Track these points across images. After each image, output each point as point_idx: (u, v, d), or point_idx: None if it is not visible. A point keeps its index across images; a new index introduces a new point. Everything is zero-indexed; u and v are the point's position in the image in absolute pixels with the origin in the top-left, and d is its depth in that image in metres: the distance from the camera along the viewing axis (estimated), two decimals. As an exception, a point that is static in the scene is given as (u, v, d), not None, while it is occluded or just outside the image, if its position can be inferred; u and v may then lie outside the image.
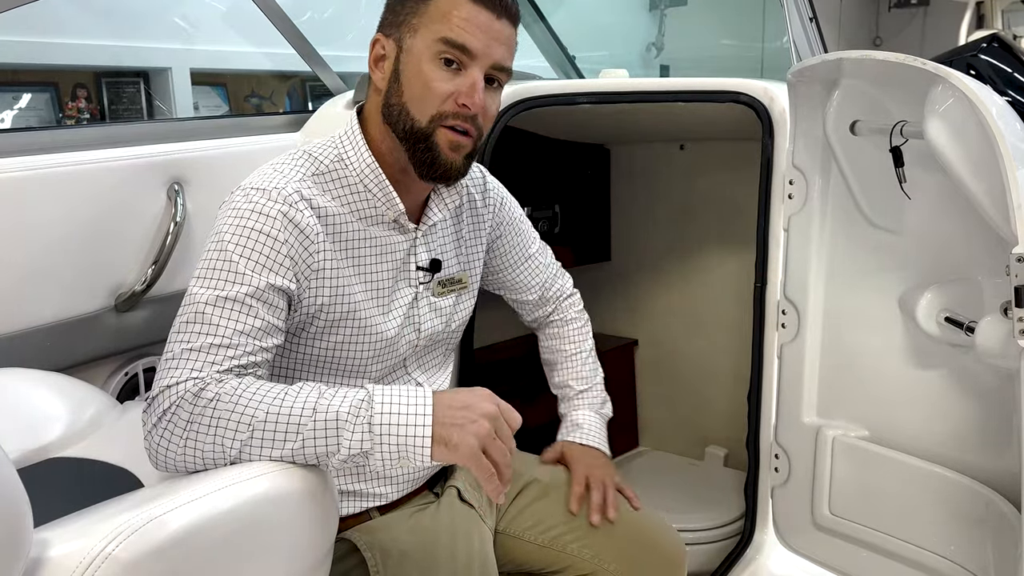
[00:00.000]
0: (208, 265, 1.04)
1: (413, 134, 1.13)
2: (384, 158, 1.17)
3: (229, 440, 0.92)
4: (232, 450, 0.92)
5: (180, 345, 0.99)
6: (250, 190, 1.09)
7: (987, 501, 1.43)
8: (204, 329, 1.00)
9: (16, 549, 0.69)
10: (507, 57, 1.15)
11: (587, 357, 1.55)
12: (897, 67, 1.38)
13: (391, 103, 1.14)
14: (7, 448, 0.74)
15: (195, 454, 0.94)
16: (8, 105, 2.84)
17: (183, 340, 1.00)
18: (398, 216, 1.19)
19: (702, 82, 1.77)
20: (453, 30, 1.10)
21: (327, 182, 1.15)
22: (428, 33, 1.11)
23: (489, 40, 1.11)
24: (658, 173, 2.49)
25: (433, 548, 1.22)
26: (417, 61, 1.11)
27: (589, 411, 1.51)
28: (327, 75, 2.02)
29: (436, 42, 1.10)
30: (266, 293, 1.04)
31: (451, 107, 1.11)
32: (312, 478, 0.93)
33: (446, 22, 1.10)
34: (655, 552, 1.37)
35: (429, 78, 1.11)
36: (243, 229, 1.05)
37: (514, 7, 1.15)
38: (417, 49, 1.12)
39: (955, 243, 1.50)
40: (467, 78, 1.11)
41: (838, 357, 1.70)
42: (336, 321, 1.15)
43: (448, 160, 1.14)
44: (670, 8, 4.28)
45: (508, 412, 0.98)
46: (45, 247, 1.37)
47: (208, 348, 0.99)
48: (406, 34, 1.13)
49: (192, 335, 1.00)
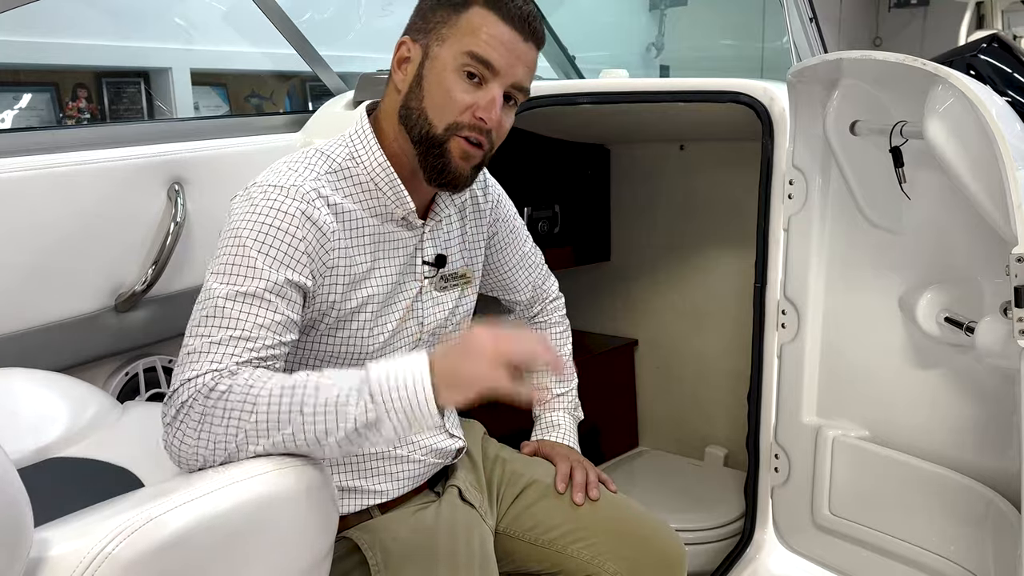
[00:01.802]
0: (226, 260, 1.05)
1: (428, 139, 1.15)
2: (396, 157, 1.19)
3: (234, 429, 0.93)
4: (239, 439, 0.93)
5: (200, 339, 1.00)
6: (268, 187, 1.10)
7: (987, 501, 1.43)
8: (223, 323, 1.01)
9: (16, 549, 0.69)
10: (527, 78, 1.18)
11: (565, 362, 1.57)
12: (897, 67, 1.38)
13: (410, 106, 1.16)
14: (7, 448, 0.74)
15: (208, 447, 0.94)
16: (8, 105, 2.83)
17: (203, 334, 1.01)
18: (407, 213, 1.20)
19: (702, 82, 1.77)
20: (480, 45, 1.12)
21: (340, 180, 1.17)
22: (456, 45, 1.13)
23: (513, 59, 1.14)
24: (658, 173, 2.49)
25: (434, 548, 1.22)
26: (441, 70, 1.14)
27: (565, 413, 1.54)
28: (327, 75, 2.02)
29: (462, 54, 1.12)
30: (284, 288, 1.05)
31: (468, 119, 1.14)
32: (312, 478, 0.93)
33: (475, 36, 1.12)
34: (655, 552, 1.38)
35: (451, 88, 1.13)
36: (262, 225, 1.06)
37: (541, 31, 1.18)
38: (443, 58, 1.14)
39: (955, 243, 1.50)
40: (487, 93, 1.13)
41: (838, 357, 1.70)
42: (345, 317, 1.16)
43: (457, 169, 1.16)
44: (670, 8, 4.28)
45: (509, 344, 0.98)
46: (45, 247, 1.37)
47: (228, 341, 1.00)
48: (434, 42, 1.15)
49: (212, 329, 1.01)
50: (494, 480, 1.42)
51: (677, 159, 2.45)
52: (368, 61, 2.16)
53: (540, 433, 1.53)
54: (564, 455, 1.45)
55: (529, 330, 1.00)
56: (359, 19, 3.65)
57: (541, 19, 1.18)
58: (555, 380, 1.55)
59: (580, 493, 1.38)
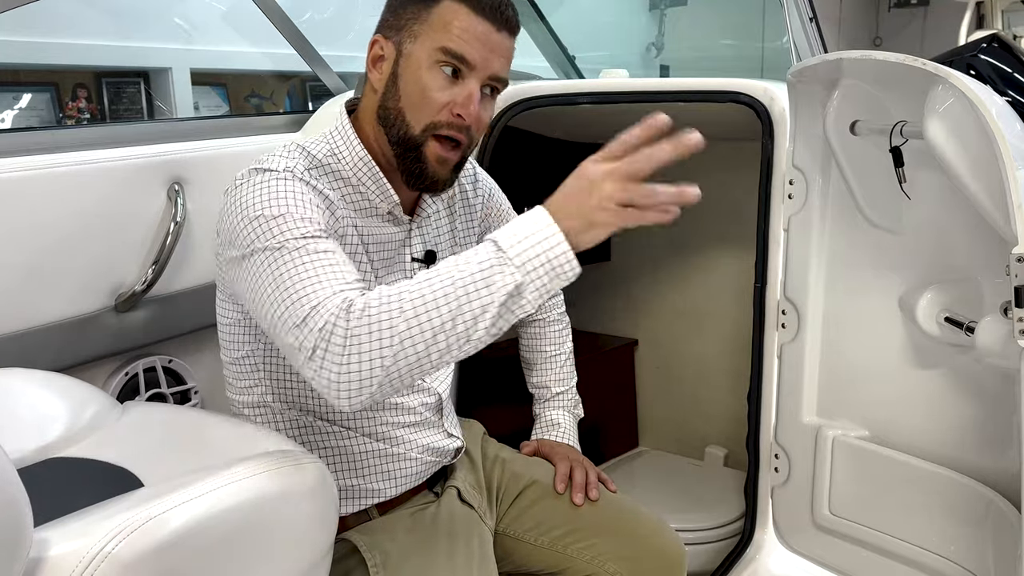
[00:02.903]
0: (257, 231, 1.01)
1: (405, 141, 1.14)
2: (376, 155, 1.18)
3: (388, 339, 0.89)
4: (395, 348, 0.89)
5: (291, 288, 0.95)
6: (259, 170, 1.09)
7: (987, 501, 1.43)
8: (302, 269, 0.97)
9: (16, 549, 0.69)
10: (504, 68, 1.16)
11: (566, 360, 1.57)
12: (897, 67, 1.38)
13: (387, 106, 1.15)
14: (7, 448, 0.74)
15: (360, 369, 0.90)
16: (8, 105, 2.83)
17: (291, 285, 0.95)
18: (392, 208, 1.19)
19: (702, 82, 1.77)
20: (453, 40, 1.10)
21: (322, 175, 1.15)
22: (428, 41, 1.11)
23: (487, 52, 1.12)
24: (658, 173, 2.48)
25: (433, 549, 1.22)
26: (416, 68, 1.12)
27: (565, 412, 1.54)
28: (327, 75, 2.02)
29: (436, 51, 1.11)
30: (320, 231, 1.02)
31: (446, 117, 1.12)
32: (312, 477, 0.93)
33: (447, 31, 1.10)
34: (655, 553, 1.38)
35: (427, 86, 1.11)
36: (271, 192, 1.04)
37: (514, 19, 1.15)
38: (417, 56, 1.12)
39: (955, 243, 1.50)
40: (464, 88, 1.12)
41: (838, 357, 1.70)
42: None
43: (435, 173, 1.15)
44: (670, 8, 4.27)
45: (620, 170, 0.94)
46: (45, 247, 1.37)
47: (318, 278, 0.96)
48: (406, 39, 1.13)
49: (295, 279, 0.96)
50: (494, 480, 1.42)
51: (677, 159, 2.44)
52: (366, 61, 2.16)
53: (540, 432, 1.53)
54: (564, 455, 1.45)
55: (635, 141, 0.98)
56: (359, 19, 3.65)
57: (512, 7, 1.16)
58: (555, 380, 1.55)
59: (580, 494, 1.38)
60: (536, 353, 1.57)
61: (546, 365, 1.56)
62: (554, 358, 1.56)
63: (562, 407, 1.54)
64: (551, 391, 1.55)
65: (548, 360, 1.56)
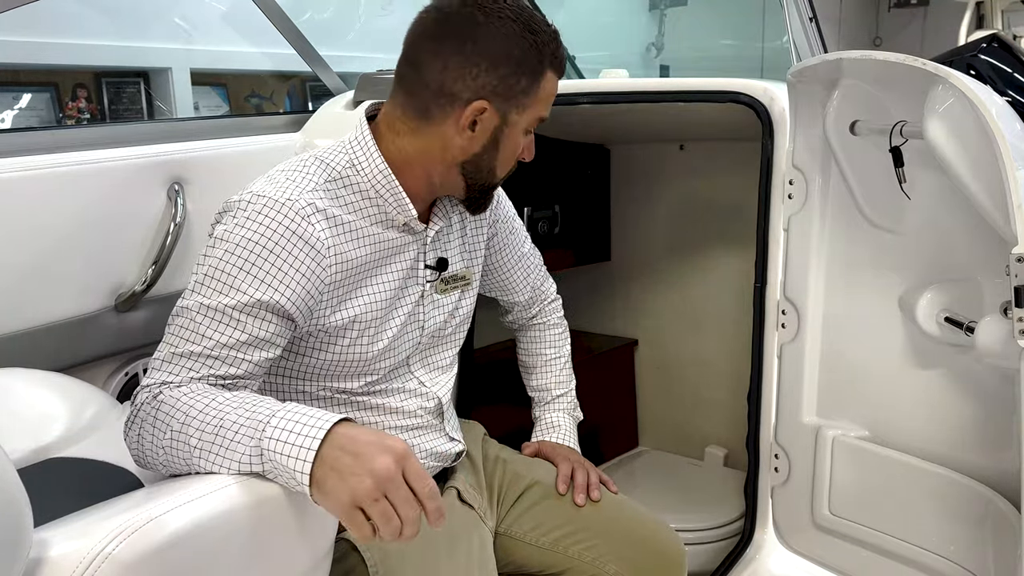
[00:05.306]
0: (205, 271, 1.05)
1: (488, 188, 1.25)
2: (398, 165, 1.18)
3: (162, 440, 0.95)
4: (165, 449, 0.95)
5: (166, 348, 1.04)
6: (259, 197, 1.08)
7: (987, 501, 1.43)
8: (189, 336, 1.03)
9: (16, 549, 0.69)
10: None
11: (565, 363, 1.58)
12: (897, 67, 1.38)
13: (481, 164, 1.20)
14: (7, 448, 0.74)
15: (141, 452, 0.99)
16: (8, 105, 2.83)
17: (169, 344, 1.04)
18: (409, 219, 1.20)
19: (702, 82, 1.77)
20: (548, 109, 1.22)
21: (340, 188, 1.16)
22: (533, 112, 1.20)
23: None
24: (658, 173, 2.49)
25: (432, 549, 1.22)
26: (517, 134, 1.21)
27: (565, 414, 1.54)
28: (327, 75, 2.02)
29: (536, 120, 1.22)
30: (256, 308, 1.04)
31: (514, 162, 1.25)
32: (312, 478, 0.93)
33: (547, 104, 1.22)
34: (655, 553, 1.38)
35: (519, 145, 1.23)
36: (248, 241, 1.05)
37: None
38: (520, 125, 1.20)
39: (955, 243, 1.50)
40: (531, 137, 1.24)
41: (838, 357, 1.70)
42: (347, 324, 1.16)
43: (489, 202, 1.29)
44: (670, 8, 4.28)
45: (414, 474, 0.86)
46: (45, 247, 1.37)
47: (189, 355, 1.02)
48: (513, 109, 1.18)
49: (179, 340, 1.03)
50: (495, 481, 1.42)
51: (677, 159, 2.44)
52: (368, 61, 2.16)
53: (540, 434, 1.53)
54: (565, 456, 1.45)
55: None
56: (359, 19, 3.65)
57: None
58: (555, 382, 1.56)
59: (581, 494, 1.38)
60: (535, 356, 1.57)
61: (546, 368, 1.56)
62: (554, 361, 1.56)
63: (562, 410, 1.54)
64: (551, 394, 1.55)
65: (548, 363, 1.56)
